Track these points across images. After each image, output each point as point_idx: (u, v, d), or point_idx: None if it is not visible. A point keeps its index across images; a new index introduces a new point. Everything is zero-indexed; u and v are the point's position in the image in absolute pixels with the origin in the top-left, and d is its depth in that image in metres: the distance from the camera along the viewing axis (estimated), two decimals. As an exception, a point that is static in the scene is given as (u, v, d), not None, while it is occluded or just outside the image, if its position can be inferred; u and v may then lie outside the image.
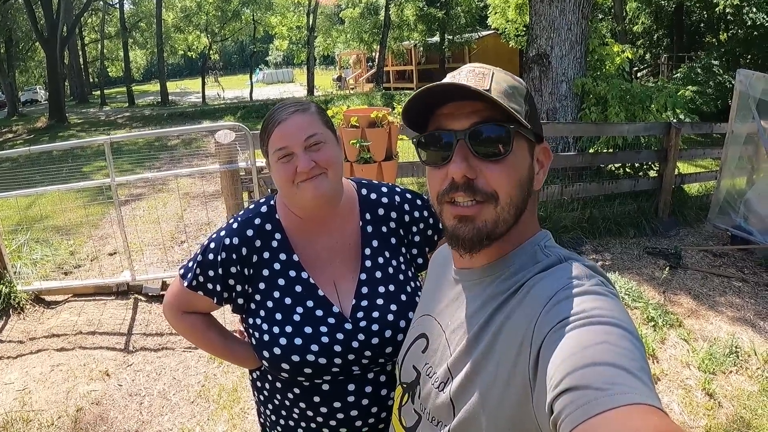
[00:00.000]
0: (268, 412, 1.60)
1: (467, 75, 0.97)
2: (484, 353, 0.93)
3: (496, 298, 0.97)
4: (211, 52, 40.75)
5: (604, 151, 7.53)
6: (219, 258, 1.47)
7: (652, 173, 7.68)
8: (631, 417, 0.64)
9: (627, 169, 7.92)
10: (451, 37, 31.08)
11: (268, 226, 1.52)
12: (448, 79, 0.99)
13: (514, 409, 0.86)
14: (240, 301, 1.51)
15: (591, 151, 7.57)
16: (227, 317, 3.71)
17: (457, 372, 0.97)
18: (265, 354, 1.44)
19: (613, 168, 8.04)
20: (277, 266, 1.49)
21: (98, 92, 41.77)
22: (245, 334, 1.60)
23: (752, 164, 6.64)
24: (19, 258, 5.92)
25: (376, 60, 32.54)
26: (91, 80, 50.40)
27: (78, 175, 8.97)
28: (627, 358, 0.72)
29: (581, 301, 0.83)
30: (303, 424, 1.52)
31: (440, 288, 1.17)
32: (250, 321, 1.49)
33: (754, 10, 17.54)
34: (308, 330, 1.43)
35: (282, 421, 1.56)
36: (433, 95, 0.97)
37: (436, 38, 31.79)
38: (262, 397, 1.61)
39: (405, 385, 1.17)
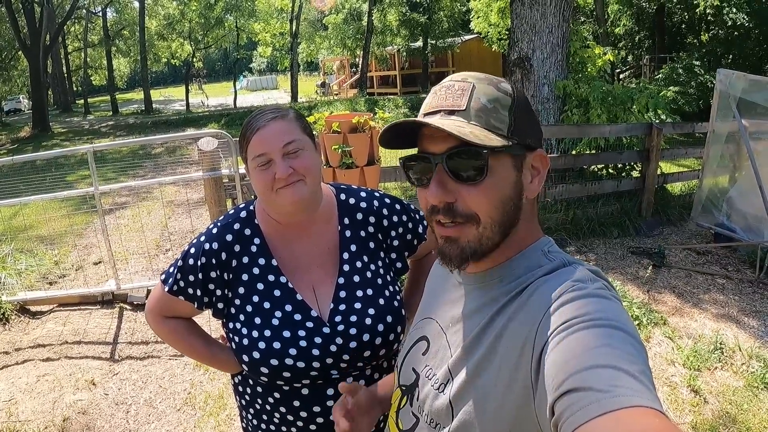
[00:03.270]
0: (249, 417, 1.61)
1: (446, 93, 0.96)
2: (485, 355, 0.94)
3: (498, 300, 0.97)
4: (194, 59, 40.60)
5: (587, 152, 7.57)
6: (199, 263, 1.48)
7: (635, 173, 7.73)
8: (633, 419, 0.65)
9: (610, 170, 7.95)
10: (434, 41, 31.20)
11: (248, 231, 1.52)
12: (430, 95, 0.99)
13: (515, 411, 0.86)
14: (220, 305, 1.51)
15: (573, 152, 7.62)
16: (213, 325, 3.72)
17: (457, 373, 0.98)
18: (245, 358, 1.44)
19: (596, 169, 8.07)
20: (256, 271, 1.50)
21: (82, 101, 41.26)
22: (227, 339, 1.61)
23: (734, 162, 6.68)
24: (3, 268, 5.87)
25: (360, 65, 32.56)
26: (75, 89, 49.89)
27: (62, 185, 8.91)
28: (629, 361, 0.73)
29: (584, 303, 0.84)
30: (283, 428, 1.52)
31: (442, 292, 1.17)
32: (230, 325, 1.50)
33: (734, 10, 17.75)
34: (287, 334, 1.43)
35: (263, 426, 1.56)
36: (404, 129, 0.98)
37: (419, 43, 31.90)
38: (243, 402, 1.61)
39: (404, 388, 1.17)
